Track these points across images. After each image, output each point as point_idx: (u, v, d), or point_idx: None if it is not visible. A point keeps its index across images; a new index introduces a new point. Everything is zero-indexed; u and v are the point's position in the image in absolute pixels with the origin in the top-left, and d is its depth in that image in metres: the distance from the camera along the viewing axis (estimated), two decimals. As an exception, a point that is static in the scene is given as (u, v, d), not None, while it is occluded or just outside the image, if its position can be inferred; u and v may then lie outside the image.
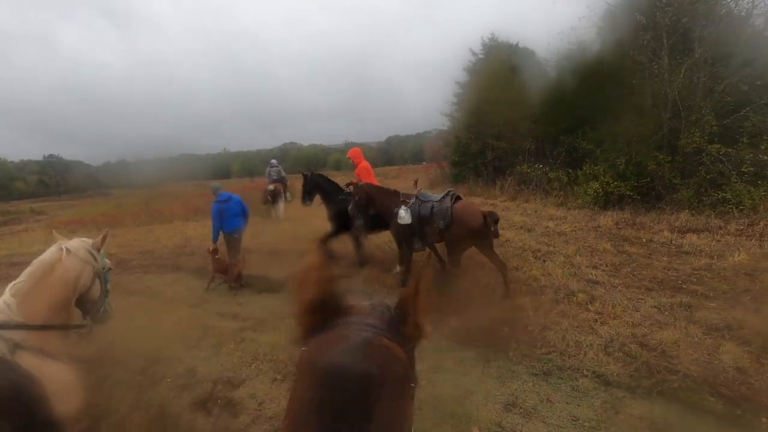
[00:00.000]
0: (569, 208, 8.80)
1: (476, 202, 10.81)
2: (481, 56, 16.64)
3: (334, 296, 0.72)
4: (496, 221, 4.44)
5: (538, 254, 5.65)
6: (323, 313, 0.70)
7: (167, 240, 9.03)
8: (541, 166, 10.67)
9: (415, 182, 18.99)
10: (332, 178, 6.86)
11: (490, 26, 16.89)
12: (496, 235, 4.53)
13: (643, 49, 8.56)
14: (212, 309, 4.40)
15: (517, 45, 15.54)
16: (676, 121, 7.97)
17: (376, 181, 6.00)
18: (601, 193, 8.29)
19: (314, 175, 6.76)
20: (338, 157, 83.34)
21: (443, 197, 4.71)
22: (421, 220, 4.63)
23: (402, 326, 0.71)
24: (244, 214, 5.85)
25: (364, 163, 6.55)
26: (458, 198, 4.74)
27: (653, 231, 6.41)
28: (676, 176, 7.75)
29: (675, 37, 8.21)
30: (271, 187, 12.47)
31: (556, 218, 7.96)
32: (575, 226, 7.16)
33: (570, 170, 10.09)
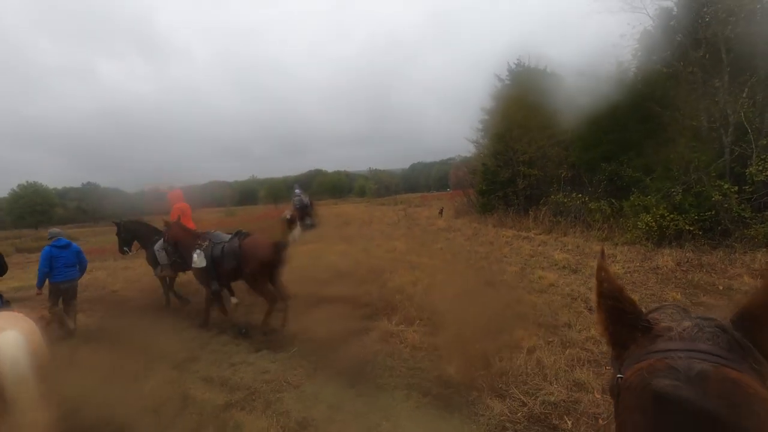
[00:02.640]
0: (616, 244, 7.80)
1: (508, 234, 9.94)
2: (507, 82, 16.09)
3: (636, 311, 0.62)
4: (284, 248, 4.75)
5: (592, 305, 4.72)
6: (631, 330, 0.61)
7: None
8: (580, 195, 9.72)
9: (441, 211, 18.21)
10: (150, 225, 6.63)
11: (513, 50, 16.24)
12: (284, 263, 4.82)
13: (695, 66, 7.69)
14: (200, 371, 3.69)
15: (545, 69, 14.90)
16: (741, 146, 6.98)
17: (192, 224, 5.95)
18: (655, 228, 7.28)
19: (127, 222, 6.54)
20: (362, 183, 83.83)
21: (232, 237, 4.90)
22: (214, 262, 4.74)
23: (755, 349, 0.52)
24: (80, 265, 5.17)
25: (179, 205, 6.37)
26: (247, 235, 4.91)
27: (728, 275, 5.38)
28: (746, 209, 6.69)
29: (733, 53, 7.33)
30: (288, 215, 12.10)
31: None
32: (629, 267, 6.18)
33: (613, 200, 9.11)
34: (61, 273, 4.91)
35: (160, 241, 5.64)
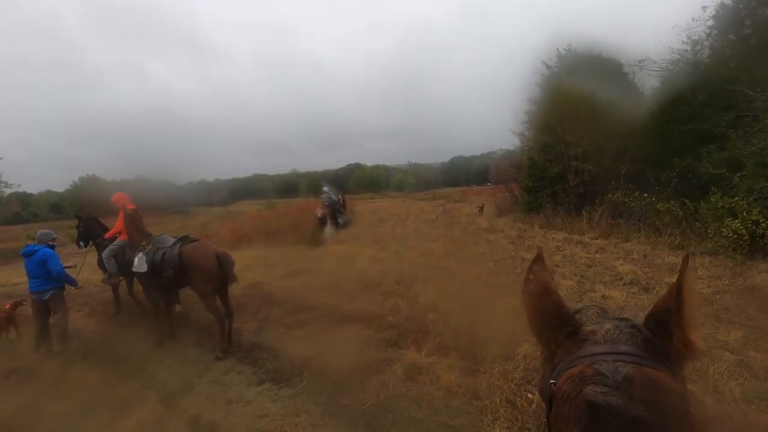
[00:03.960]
0: (693, 253, 6.57)
1: (558, 237, 8.86)
2: (556, 69, 14.71)
3: (565, 314, 0.67)
4: (230, 265, 4.30)
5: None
6: (559, 333, 0.66)
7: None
8: (646, 195, 8.44)
9: (481, 208, 17.10)
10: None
11: (558, 36, 14.80)
12: (234, 278, 4.43)
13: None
14: (190, 408, 3.11)
15: (599, 55, 13.41)
16: None
17: (143, 227, 4.99)
18: (746, 236, 6.02)
19: (88, 218, 6.11)
20: (401, 177, 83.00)
21: (175, 242, 4.39)
22: (154, 269, 4.28)
23: (664, 345, 0.60)
24: (47, 276, 4.34)
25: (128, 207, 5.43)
26: (194, 240, 4.45)
27: None
28: None
29: None
30: (319, 213, 11.69)
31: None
32: (715, 286, 5.04)
33: (686, 201, 7.79)
34: (30, 284, 4.43)
35: (110, 247, 5.17)
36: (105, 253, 5.16)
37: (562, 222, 10.41)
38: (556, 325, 0.68)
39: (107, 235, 5.58)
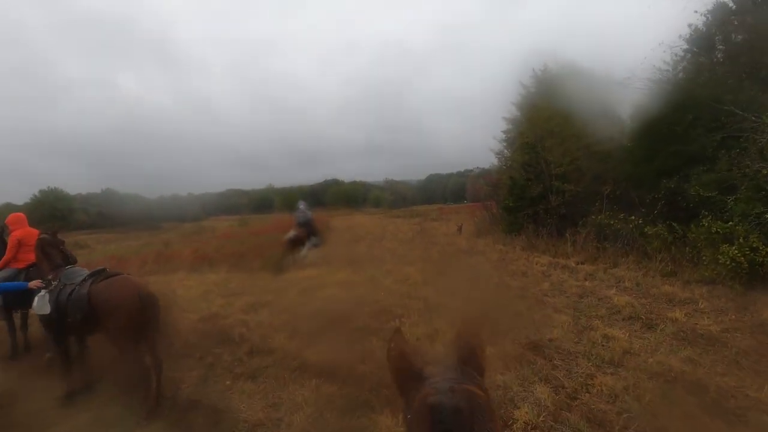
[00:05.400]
0: (687, 282, 6.16)
1: (543, 261, 8.36)
2: (532, 89, 14.64)
3: (415, 369, 0.92)
4: (156, 307, 3.52)
5: (700, 392, 3.11)
6: (413, 381, 0.89)
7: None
8: (633, 217, 8.07)
9: (460, 228, 16.62)
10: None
11: (534, 57, 14.82)
12: (158, 325, 3.62)
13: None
14: None
15: (574, 75, 13.37)
16: None
17: (58, 256, 4.04)
18: (744, 264, 5.62)
19: None
20: (378, 193, 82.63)
21: (86, 278, 3.49)
22: (59, 310, 3.39)
23: (472, 370, 0.91)
24: None
25: (19, 233, 4.69)
26: (111, 275, 3.55)
27: None
28: None
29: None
30: (291, 235, 10.88)
31: (679, 300, 5.36)
32: (723, 322, 4.55)
33: (674, 224, 7.44)
34: None
35: (1, 274, 4.42)
36: None
37: (545, 244, 9.96)
38: (411, 378, 0.91)
39: None
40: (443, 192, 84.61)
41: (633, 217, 8.06)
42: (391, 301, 6.11)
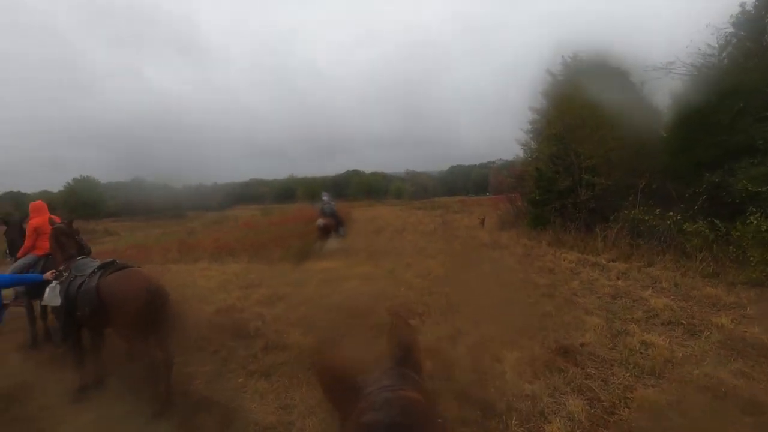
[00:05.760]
0: (732, 284, 5.70)
1: (571, 257, 7.97)
2: (560, 78, 13.99)
3: (349, 382, 0.89)
4: (165, 302, 3.27)
5: (756, 412, 2.78)
6: (349, 394, 0.86)
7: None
8: (671, 213, 7.57)
9: (482, 221, 16.23)
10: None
11: (561, 45, 14.08)
12: (169, 321, 3.40)
13: None
14: None
15: (607, 63, 12.69)
16: None
17: (72, 246, 3.93)
18: (800, 267, 5.15)
19: (15, 224, 5.21)
20: (399, 185, 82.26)
21: (95, 270, 3.36)
22: (69, 303, 3.31)
23: (409, 369, 0.91)
24: None
25: (37, 220, 4.61)
26: (121, 268, 3.38)
27: None
28: None
29: None
30: (320, 223, 10.94)
31: (723, 305, 4.94)
32: (777, 331, 4.14)
33: (717, 221, 6.93)
34: None
35: (15, 264, 4.45)
36: (10, 271, 4.26)
37: (573, 240, 9.53)
38: (344, 391, 0.88)
39: (18, 255, 4.65)
40: (465, 183, 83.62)
41: (671, 213, 7.56)
42: (410, 296, 5.90)
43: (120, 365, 3.99)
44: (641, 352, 3.75)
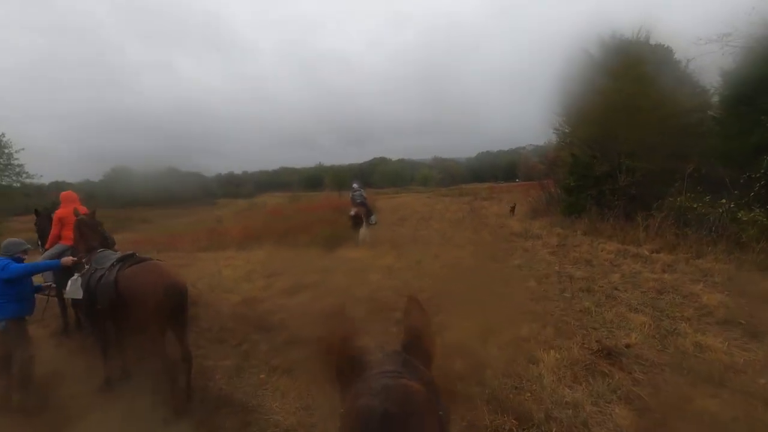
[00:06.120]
0: (794, 279, 5.16)
1: (610, 248, 7.50)
2: (597, 57, 13.16)
3: (353, 358, 0.85)
4: (183, 298, 3.13)
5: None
6: (350, 373, 0.83)
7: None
8: (723, 201, 6.96)
9: (512, 208, 15.68)
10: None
11: (595, 23, 13.22)
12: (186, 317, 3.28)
13: None
14: None
15: (647, 41, 11.82)
16: None
17: (96, 238, 3.82)
18: None
19: (45, 215, 5.19)
20: (426, 172, 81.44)
21: (114, 263, 3.27)
22: (89, 296, 3.25)
23: (416, 357, 0.84)
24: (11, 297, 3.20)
25: (62, 211, 4.53)
26: (139, 261, 3.28)
27: None
28: None
29: None
30: (352, 212, 10.88)
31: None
32: None
33: (776, 209, 6.31)
34: None
35: (47, 252, 4.48)
36: (41, 259, 4.29)
37: (611, 229, 8.98)
38: (350, 368, 0.83)
39: (47, 245, 4.69)
40: (493, 170, 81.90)
41: (723, 201, 6.95)
42: (437, 289, 5.65)
43: (146, 358, 3.96)
44: (696, 356, 3.39)
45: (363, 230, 10.79)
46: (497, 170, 79.92)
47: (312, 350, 3.92)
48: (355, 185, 12.17)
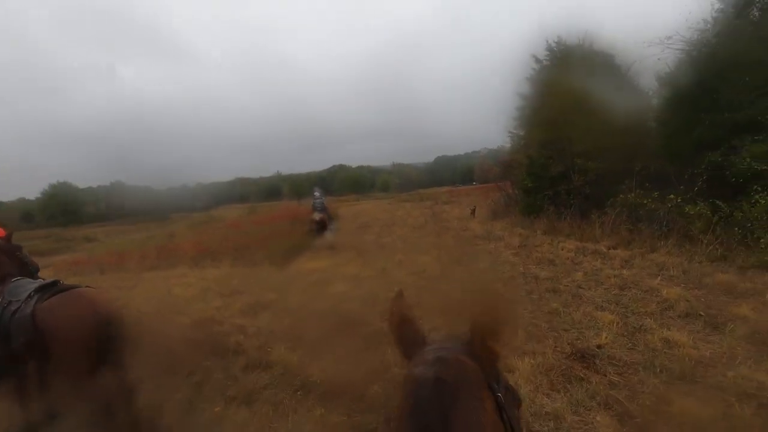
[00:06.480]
0: (741, 268, 5.40)
1: (569, 246, 7.63)
2: (546, 62, 13.67)
3: (420, 335, 0.95)
4: (120, 330, 2.64)
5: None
6: (411, 346, 0.91)
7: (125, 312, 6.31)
8: (672, 196, 7.27)
9: (473, 211, 15.89)
10: None
11: (544, 30, 13.77)
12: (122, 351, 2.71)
13: None
14: None
15: (591, 46, 12.38)
16: None
17: (10, 265, 3.24)
18: (815, 248, 4.86)
19: None
20: (386, 177, 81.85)
21: (32, 293, 2.69)
22: (2, 335, 2.63)
23: (476, 349, 0.84)
24: None
25: None
26: (63, 290, 2.73)
27: None
28: None
29: None
30: (316, 218, 10.76)
31: (740, 292, 4.60)
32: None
33: (719, 202, 6.65)
34: None
35: None
36: None
37: (569, 227, 9.21)
38: (413, 343, 0.91)
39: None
40: (452, 174, 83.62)
41: (672, 196, 7.26)
42: (407, 298, 5.45)
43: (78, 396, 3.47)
44: (665, 352, 3.38)
45: (327, 234, 10.76)
46: (455, 174, 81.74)
47: (273, 375, 3.61)
48: (316, 193, 12.10)
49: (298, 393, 3.25)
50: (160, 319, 5.39)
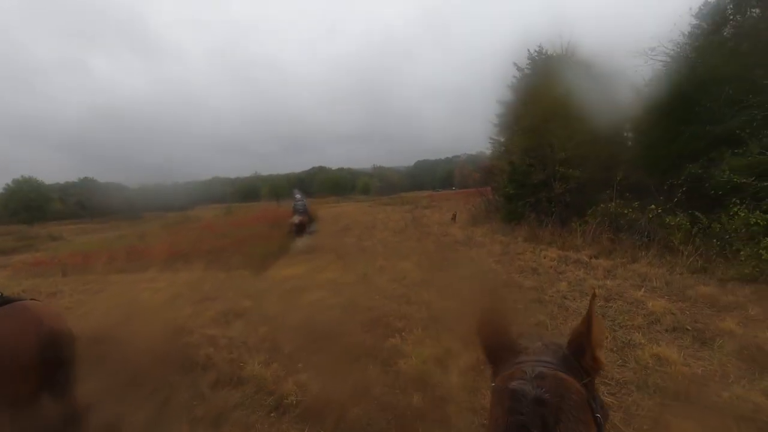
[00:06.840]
0: (721, 280, 5.43)
1: (551, 255, 7.59)
2: (527, 71, 13.79)
3: (508, 339, 0.88)
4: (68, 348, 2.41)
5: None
6: (503, 353, 0.85)
7: (87, 320, 5.77)
8: (653, 206, 7.31)
9: (454, 216, 15.84)
10: None
11: (525, 38, 13.95)
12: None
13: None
14: None
15: (572, 56, 12.55)
16: None
17: None
18: (794, 261, 4.91)
19: None
20: (366, 180, 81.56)
21: None
22: None
23: (578, 361, 0.80)
24: None
25: None
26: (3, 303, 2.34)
27: None
28: None
29: None
30: (296, 220, 10.56)
31: (723, 305, 4.59)
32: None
33: (698, 214, 6.73)
34: None
35: None
36: None
37: (550, 235, 9.20)
38: (502, 349, 0.86)
39: None
40: (432, 178, 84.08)
41: (653, 206, 7.30)
42: (387, 307, 5.25)
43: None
44: (657, 369, 3.28)
45: (304, 238, 10.57)
46: (435, 179, 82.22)
47: (245, 393, 3.33)
48: (297, 195, 11.91)
49: (272, 414, 2.99)
50: (126, 328, 5.03)
